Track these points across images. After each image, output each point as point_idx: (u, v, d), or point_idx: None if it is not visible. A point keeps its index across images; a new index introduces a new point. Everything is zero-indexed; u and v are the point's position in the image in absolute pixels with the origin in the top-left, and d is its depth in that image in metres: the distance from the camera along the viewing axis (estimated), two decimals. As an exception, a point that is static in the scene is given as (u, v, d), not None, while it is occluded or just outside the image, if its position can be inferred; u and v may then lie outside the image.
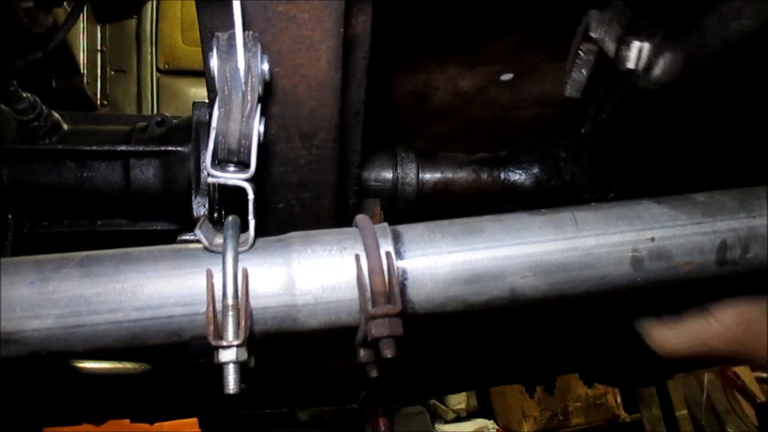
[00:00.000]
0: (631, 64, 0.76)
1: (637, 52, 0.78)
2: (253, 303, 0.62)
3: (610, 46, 0.81)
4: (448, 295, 0.67)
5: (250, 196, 0.63)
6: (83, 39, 2.21)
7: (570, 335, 1.83)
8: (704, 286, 0.87)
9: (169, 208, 1.07)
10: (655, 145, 1.00)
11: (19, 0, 0.81)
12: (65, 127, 1.07)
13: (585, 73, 0.86)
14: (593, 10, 0.81)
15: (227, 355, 0.58)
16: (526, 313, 1.67)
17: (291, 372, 1.69)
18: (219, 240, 0.64)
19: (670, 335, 0.97)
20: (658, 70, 0.76)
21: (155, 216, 1.10)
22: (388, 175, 1.16)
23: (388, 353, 0.60)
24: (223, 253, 0.61)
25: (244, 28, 0.59)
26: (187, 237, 0.98)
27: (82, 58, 2.19)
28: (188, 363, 1.23)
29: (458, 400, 4.91)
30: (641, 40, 0.78)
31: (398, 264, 0.65)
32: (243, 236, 0.65)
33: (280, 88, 0.74)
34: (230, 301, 0.60)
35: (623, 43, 0.79)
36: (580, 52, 0.84)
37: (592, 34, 0.81)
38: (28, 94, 1.00)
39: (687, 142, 0.97)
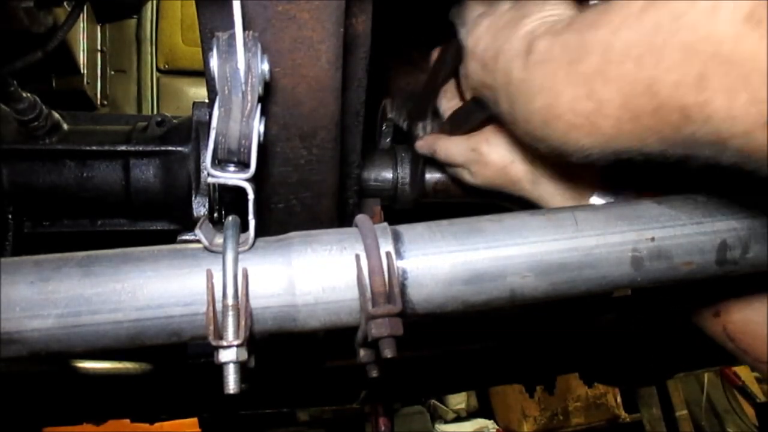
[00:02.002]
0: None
1: (422, 131, 1.10)
2: (253, 303, 0.62)
3: (404, 125, 1.13)
4: (448, 295, 0.67)
5: (250, 196, 0.63)
6: (83, 39, 2.21)
7: (570, 335, 1.83)
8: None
9: (169, 208, 1.07)
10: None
11: (19, 0, 0.81)
12: (65, 127, 1.07)
13: (389, 142, 1.17)
14: (387, 99, 1.09)
15: (227, 355, 0.58)
16: (526, 313, 1.67)
17: (291, 372, 1.69)
18: (219, 240, 0.64)
19: None
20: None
21: (155, 216, 1.10)
22: (388, 175, 1.16)
23: (388, 353, 0.60)
24: (223, 253, 0.61)
25: (244, 28, 0.59)
26: (187, 237, 0.98)
27: (82, 58, 2.19)
28: (188, 363, 1.23)
29: (458, 400, 4.91)
30: (423, 121, 1.08)
31: (398, 264, 0.65)
32: (243, 236, 0.65)
33: (280, 88, 0.74)
34: (230, 301, 0.60)
35: (411, 123, 1.10)
36: (383, 126, 1.14)
37: (389, 115, 1.11)
38: (28, 94, 1.00)
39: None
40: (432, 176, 1.18)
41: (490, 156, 0.97)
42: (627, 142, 0.59)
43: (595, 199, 0.89)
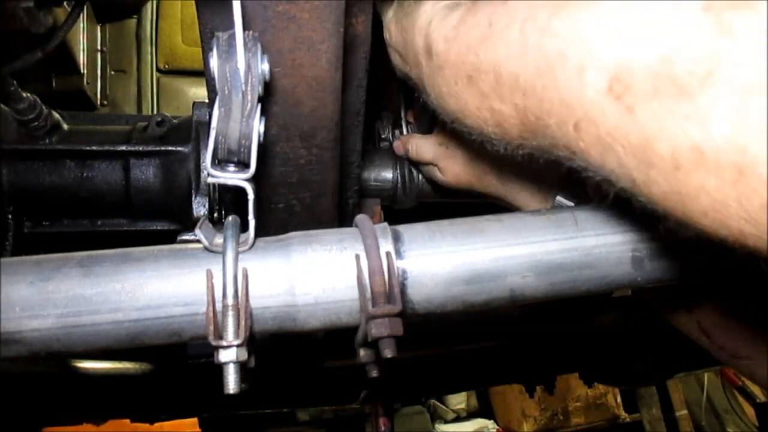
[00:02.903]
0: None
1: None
2: (253, 303, 0.62)
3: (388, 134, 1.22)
4: (448, 295, 0.67)
5: (250, 196, 0.63)
6: (83, 39, 2.21)
7: (570, 335, 1.83)
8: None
9: (169, 208, 1.07)
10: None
11: (19, 0, 0.81)
12: (65, 127, 1.07)
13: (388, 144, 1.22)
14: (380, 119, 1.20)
15: (227, 355, 0.58)
16: (526, 313, 1.67)
17: (291, 372, 1.69)
18: (219, 240, 0.64)
19: None
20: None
21: (155, 216, 1.10)
22: (388, 175, 1.16)
23: (388, 353, 0.60)
24: (223, 253, 0.61)
25: (244, 28, 0.59)
26: (187, 237, 0.98)
27: (82, 58, 2.19)
28: (188, 363, 1.23)
29: (458, 400, 4.91)
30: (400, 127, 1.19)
31: (398, 264, 0.65)
32: (243, 236, 0.65)
33: (280, 88, 0.74)
34: (230, 301, 0.60)
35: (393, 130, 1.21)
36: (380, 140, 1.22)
37: (381, 133, 1.21)
38: (28, 94, 1.00)
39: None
40: (432, 176, 1.18)
41: (457, 150, 0.98)
42: (531, 144, 0.61)
43: (560, 201, 0.89)
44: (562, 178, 0.89)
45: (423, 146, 1.04)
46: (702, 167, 0.42)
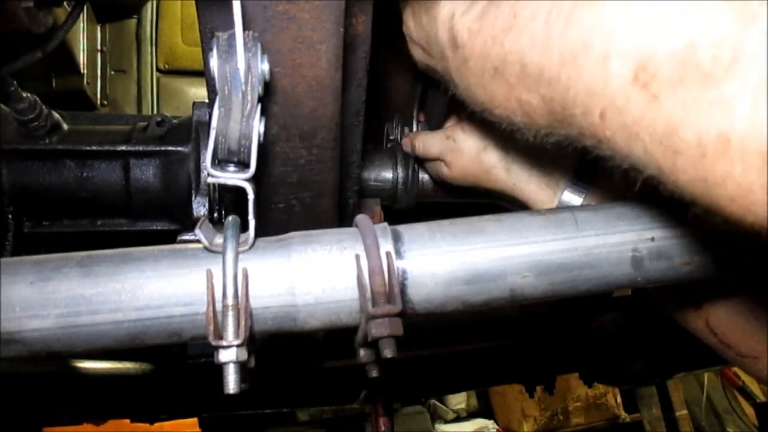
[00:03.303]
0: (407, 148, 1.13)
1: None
2: (253, 303, 0.62)
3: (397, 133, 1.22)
4: (448, 295, 0.67)
5: (250, 196, 0.63)
6: (83, 39, 2.21)
7: (570, 335, 1.83)
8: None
9: (169, 208, 1.07)
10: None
11: (19, 0, 0.81)
12: (65, 127, 1.07)
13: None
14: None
15: (227, 355, 0.58)
16: (526, 313, 1.67)
17: (291, 372, 1.69)
18: (219, 240, 0.64)
19: None
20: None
21: (155, 216, 1.10)
22: (388, 175, 1.16)
23: (388, 353, 0.60)
24: (223, 253, 0.61)
25: (244, 28, 0.59)
26: (186, 237, 0.98)
27: (82, 58, 2.19)
28: (188, 363, 1.23)
29: (458, 400, 4.91)
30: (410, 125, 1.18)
31: (398, 264, 0.65)
32: (243, 236, 0.65)
33: (280, 88, 0.74)
34: (230, 301, 0.60)
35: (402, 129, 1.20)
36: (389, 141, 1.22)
37: (390, 134, 1.21)
38: (28, 94, 1.00)
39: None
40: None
41: (465, 143, 0.98)
42: (559, 133, 0.62)
43: (568, 195, 0.89)
44: (570, 166, 0.89)
45: (430, 141, 1.04)
46: (728, 154, 0.42)
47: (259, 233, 0.65)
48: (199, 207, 1.01)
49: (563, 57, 0.54)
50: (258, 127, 0.62)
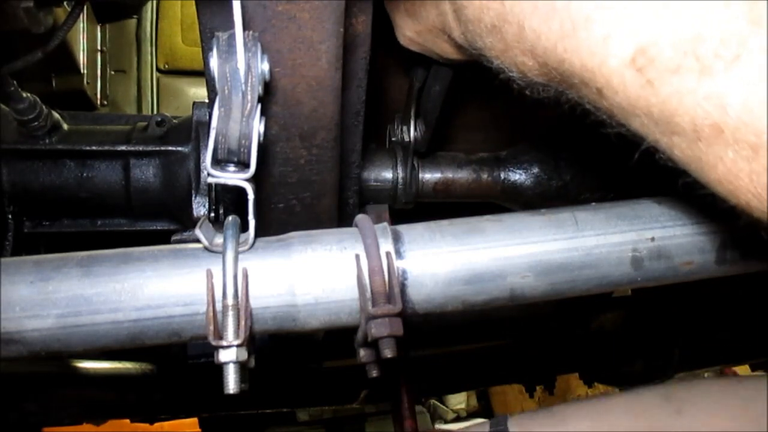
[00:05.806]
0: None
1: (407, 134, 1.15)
2: (253, 303, 0.62)
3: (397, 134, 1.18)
4: (448, 294, 0.67)
5: (250, 196, 0.63)
6: (83, 39, 2.22)
7: (570, 335, 1.83)
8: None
9: (169, 208, 1.06)
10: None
11: (19, 0, 0.81)
12: (65, 127, 1.07)
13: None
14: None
15: (227, 355, 0.58)
16: (526, 313, 1.67)
17: (291, 372, 1.69)
18: (219, 240, 0.64)
19: None
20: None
21: (155, 216, 1.10)
22: (388, 175, 1.16)
23: (388, 353, 0.60)
24: (223, 253, 0.61)
25: (244, 28, 0.59)
26: (180, 237, 0.99)
27: (82, 58, 2.20)
28: (188, 363, 1.23)
29: (458, 400, 4.91)
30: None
31: (398, 264, 0.65)
32: (243, 236, 0.65)
33: (280, 88, 0.74)
34: (230, 301, 0.60)
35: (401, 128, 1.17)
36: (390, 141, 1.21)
37: (392, 135, 1.18)
38: (28, 94, 1.00)
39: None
40: (431, 176, 1.18)
41: None
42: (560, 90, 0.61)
43: None
44: None
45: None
46: (721, 141, 0.44)
47: (259, 233, 0.65)
48: (199, 207, 1.01)
49: (563, 28, 0.53)
50: (258, 127, 0.62)
